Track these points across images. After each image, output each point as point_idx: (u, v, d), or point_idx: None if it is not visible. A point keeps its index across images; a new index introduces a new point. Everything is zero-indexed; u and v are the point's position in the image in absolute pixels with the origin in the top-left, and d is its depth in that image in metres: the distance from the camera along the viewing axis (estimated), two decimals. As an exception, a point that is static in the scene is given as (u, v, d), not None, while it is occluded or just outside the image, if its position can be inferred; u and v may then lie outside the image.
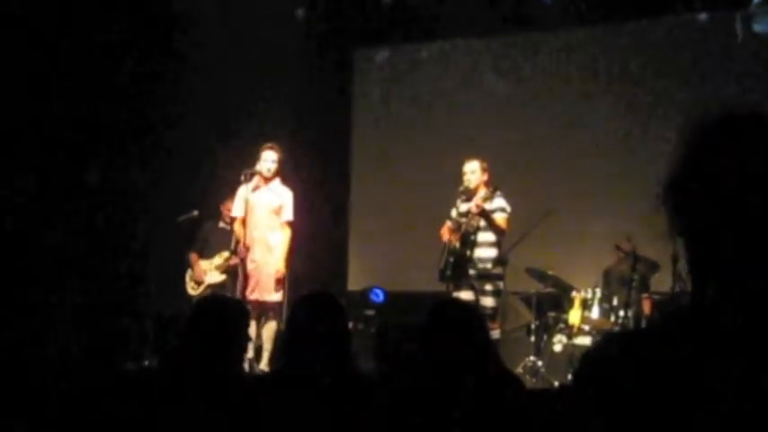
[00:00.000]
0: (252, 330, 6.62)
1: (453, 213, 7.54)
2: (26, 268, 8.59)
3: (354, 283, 10.07)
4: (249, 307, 6.21)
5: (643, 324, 7.37)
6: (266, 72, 10.21)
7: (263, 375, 6.66)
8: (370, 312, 9.17)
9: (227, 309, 3.68)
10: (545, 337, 7.69)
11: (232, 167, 7.97)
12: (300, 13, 10.12)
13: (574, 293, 7.56)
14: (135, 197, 9.31)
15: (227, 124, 9.62)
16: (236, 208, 7.74)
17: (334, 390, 3.21)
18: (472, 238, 7.34)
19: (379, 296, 9.42)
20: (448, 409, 3.15)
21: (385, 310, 9.29)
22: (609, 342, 1.28)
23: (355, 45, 10.69)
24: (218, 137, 9.57)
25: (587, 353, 1.25)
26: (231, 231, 8.29)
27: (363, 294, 9.38)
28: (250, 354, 7.04)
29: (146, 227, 8.65)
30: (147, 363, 7.70)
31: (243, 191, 7.54)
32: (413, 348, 3.44)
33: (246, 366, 6.69)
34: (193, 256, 8.37)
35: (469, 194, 7.47)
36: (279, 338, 7.41)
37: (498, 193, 7.40)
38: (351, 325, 6.59)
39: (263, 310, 7.49)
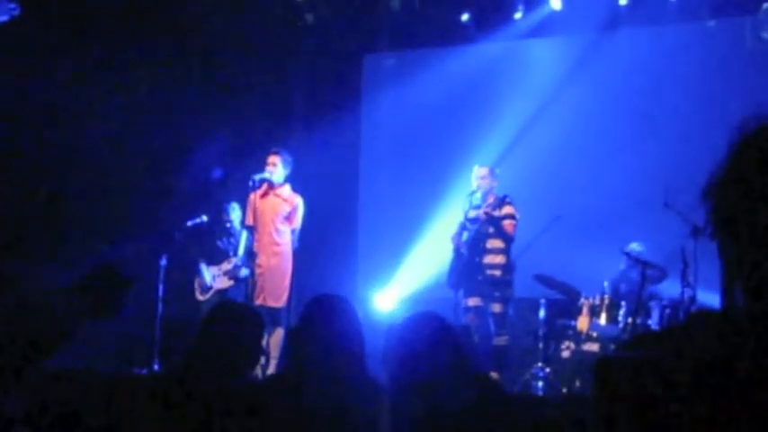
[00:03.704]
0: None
1: (462, 219, 7.56)
2: (34, 269, 8.62)
3: (363, 288, 10.07)
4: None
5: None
6: (275, 78, 10.24)
7: (274, 378, 6.65)
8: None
9: (244, 317, 3.68)
10: (553, 343, 7.67)
11: (240, 173, 8.00)
12: (310, 18, 10.14)
13: (582, 300, 7.54)
14: (143, 201, 9.34)
15: (235, 130, 9.64)
16: (246, 216, 7.78)
17: (344, 392, 3.21)
18: (481, 244, 7.35)
19: None
20: (441, 413, 3.15)
21: (393, 315, 9.30)
22: (635, 346, 1.29)
23: (364, 51, 10.70)
24: (226, 142, 9.59)
25: (611, 357, 1.26)
26: (233, 236, 8.33)
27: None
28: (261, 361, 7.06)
29: (154, 232, 8.67)
30: (156, 367, 7.72)
31: (251, 198, 7.57)
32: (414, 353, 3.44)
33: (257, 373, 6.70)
34: (202, 262, 8.39)
35: (478, 201, 7.49)
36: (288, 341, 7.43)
37: (508, 199, 7.42)
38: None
39: (270, 316, 7.50)
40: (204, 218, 8.44)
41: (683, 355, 1.14)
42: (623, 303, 7.44)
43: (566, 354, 7.39)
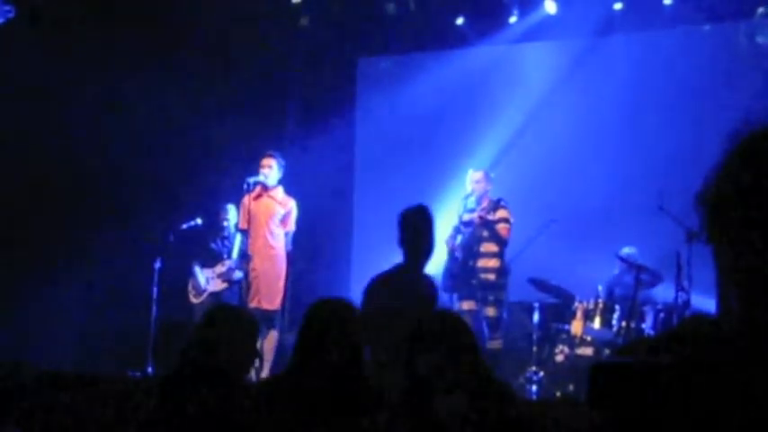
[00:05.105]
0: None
1: (456, 223, 7.56)
2: (26, 269, 8.62)
3: (357, 291, 10.04)
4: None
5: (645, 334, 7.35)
6: (269, 80, 10.23)
7: (272, 379, 6.65)
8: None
9: (239, 320, 3.67)
10: (547, 347, 7.68)
11: (235, 176, 7.99)
12: (305, 21, 10.13)
13: (576, 303, 7.54)
14: (137, 203, 9.33)
15: (230, 133, 9.63)
16: (240, 219, 7.78)
17: (345, 395, 3.21)
18: (475, 248, 7.36)
19: None
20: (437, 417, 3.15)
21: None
22: (630, 350, 1.29)
23: (359, 54, 10.70)
24: (221, 145, 9.58)
25: (605, 362, 1.26)
26: (228, 239, 8.32)
27: None
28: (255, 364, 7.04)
29: (148, 234, 8.66)
30: (149, 370, 7.71)
31: (245, 201, 7.56)
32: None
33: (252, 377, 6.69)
34: (196, 265, 8.37)
35: (473, 204, 7.50)
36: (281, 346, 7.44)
37: (502, 203, 7.43)
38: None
39: (263, 319, 7.48)
40: (199, 220, 8.43)
41: (678, 361, 1.14)
42: (617, 307, 7.45)
43: (559, 358, 7.40)
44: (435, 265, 7.85)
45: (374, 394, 3.34)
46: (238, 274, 8.06)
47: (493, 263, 7.35)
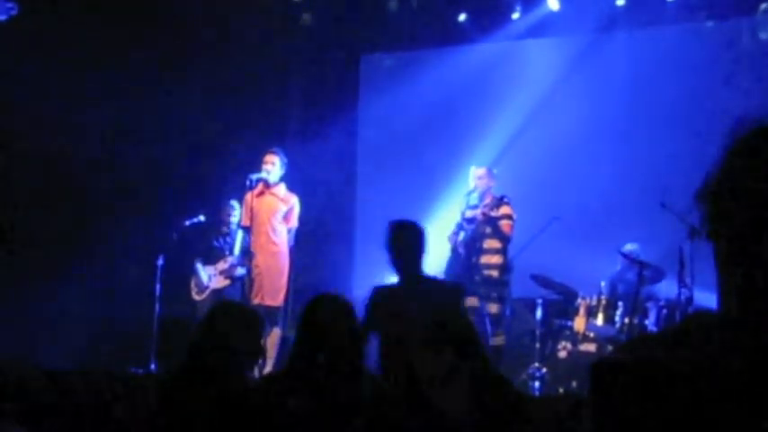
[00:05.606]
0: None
1: (459, 219, 7.57)
2: (28, 266, 8.62)
3: (360, 287, 10.05)
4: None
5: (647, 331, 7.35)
6: (272, 78, 10.23)
7: (273, 375, 6.65)
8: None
9: (244, 317, 3.68)
10: (550, 343, 7.68)
11: (237, 173, 7.99)
12: (307, 19, 10.13)
13: (579, 300, 7.55)
14: (140, 200, 9.34)
15: (233, 130, 9.63)
16: (242, 216, 7.78)
17: (345, 388, 3.22)
18: (478, 244, 7.36)
19: None
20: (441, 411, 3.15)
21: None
22: (632, 347, 1.29)
23: (361, 51, 10.70)
24: (223, 142, 9.59)
25: (608, 358, 1.26)
26: (230, 235, 8.33)
27: None
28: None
29: (151, 231, 8.67)
30: (152, 367, 7.72)
31: (248, 198, 7.56)
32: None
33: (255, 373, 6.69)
34: (198, 262, 8.38)
35: (476, 201, 7.50)
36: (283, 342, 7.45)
37: (505, 199, 7.43)
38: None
39: (266, 316, 7.48)
40: (201, 217, 8.43)
41: (680, 357, 1.14)
42: (620, 304, 7.45)
43: (562, 354, 7.40)
44: (438, 262, 7.89)
45: (374, 390, 3.35)
46: (240, 271, 8.07)
47: (496, 259, 7.35)
